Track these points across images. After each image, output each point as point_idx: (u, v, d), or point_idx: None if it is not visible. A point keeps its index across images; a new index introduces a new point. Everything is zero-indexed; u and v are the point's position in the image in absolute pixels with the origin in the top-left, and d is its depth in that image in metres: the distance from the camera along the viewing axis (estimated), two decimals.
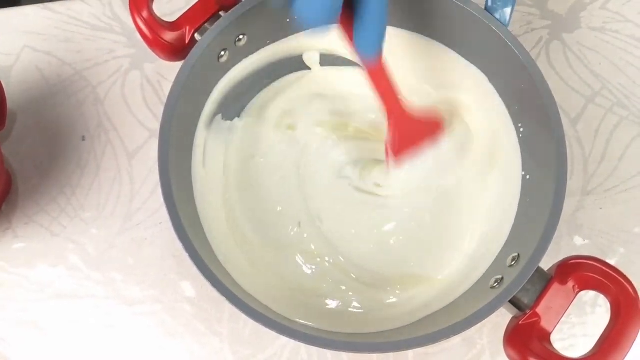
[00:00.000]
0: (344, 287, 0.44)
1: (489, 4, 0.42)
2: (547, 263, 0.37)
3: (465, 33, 0.44)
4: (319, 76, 0.50)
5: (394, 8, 0.45)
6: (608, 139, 0.51)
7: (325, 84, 0.50)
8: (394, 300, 0.44)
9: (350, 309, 0.44)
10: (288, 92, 0.50)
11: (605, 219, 0.49)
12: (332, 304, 0.44)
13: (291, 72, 0.50)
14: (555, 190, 0.37)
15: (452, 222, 0.45)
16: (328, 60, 0.49)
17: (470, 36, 0.43)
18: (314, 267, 0.45)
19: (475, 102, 0.46)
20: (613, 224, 0.48)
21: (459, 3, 0.42)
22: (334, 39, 0.47)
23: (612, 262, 0.47)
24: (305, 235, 0.46)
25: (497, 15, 0.42)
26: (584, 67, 0.53)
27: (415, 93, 0.48)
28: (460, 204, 0.46)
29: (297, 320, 0.39)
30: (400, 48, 0.47)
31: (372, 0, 0.35)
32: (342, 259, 0.45)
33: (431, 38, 0.46)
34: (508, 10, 0.41)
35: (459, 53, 0.45)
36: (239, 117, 0.49)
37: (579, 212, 0.49)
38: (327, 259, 0.45)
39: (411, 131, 0.43)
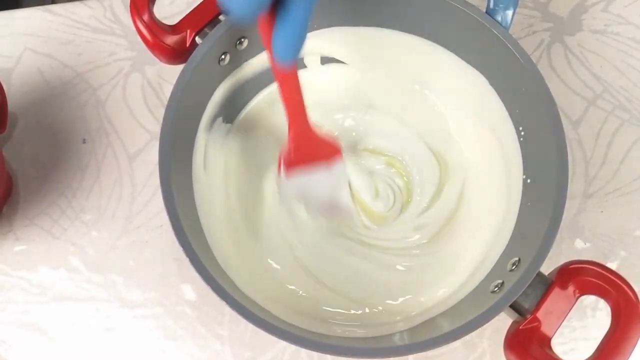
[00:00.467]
0: (339, 296, 0.44)
1: (491, 6, 0.41)
2: (548, 266, 0.37)
3: (465, 36, 0.43)
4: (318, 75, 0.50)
5: (394, 10, 0.45)
6: (609, 142, 0.51)
7: (325, 84, 0.50)
8: (393, 305, 0.44)
9: (350, 313, 0.44)
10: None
11: (606, 222, 0.49)
12: (330, 308, 0.44)
13: None
14: (556, 194, 0.37)
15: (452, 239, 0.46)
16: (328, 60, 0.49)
17: (470, 39, 0.43)
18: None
19: (475, 106, 0.46)
20: (614, 227, 0.48)
21: (459, 6, 0.42)
22: (334, 43, 0.47)
23: (613, 265, 0.47)
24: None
25: (499, 18, 0.41)
26: (585, 69, 0.53)
27: (417, 99, 0.48)
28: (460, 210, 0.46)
29: (297, 324, 0.39)
30: (400, 50, 0.47)
31: (296, 7, 0.33)
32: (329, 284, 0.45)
33: (431, 41, 0.46)
34: (509, 13, 0.41)
35: (460, 56, 0.45)
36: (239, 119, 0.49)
37: (580, 215, 0.49)
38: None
39: (308, 147, 0.42)
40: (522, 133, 0.43)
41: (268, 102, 0.49)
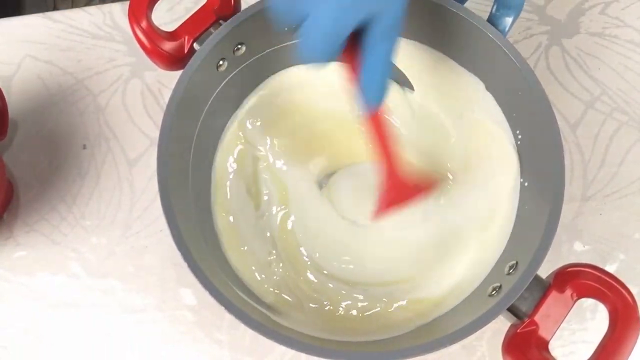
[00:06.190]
0: (343, 292, 0.44)
1: (493, 12, 0.42)
2: (547, 269, 0.37)
3: (462, 41, 0.44)
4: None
5: None
6: (608, 144, 0.51)
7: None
8: (393, 307, 0.44)
9: (349, 314, 0.44)
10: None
11: (605, 224, 0.49)
12: (331, 309, 0.44)
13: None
14: (553, 198, 0.37)
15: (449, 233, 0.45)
16: None
17: (467, 44, 0.43)
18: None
19: (472, 110, 0.46)
20: (613, 230, 0.48)
21: (457, 11, 0.42)
22: None
23: (612, 268, 0.47)
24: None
25: (499, 24, 0.42)
26: (583, 72, 0.53)
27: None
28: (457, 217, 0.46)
29: (295, 328, 0.39)
30: (398, 56, 0.47)
31: (379, 48, 0.34)
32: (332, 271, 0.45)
33: (428, 45, 0.46)
34: (510, 20, 0.41)
35: (456, 60, 0.45)
36: None
37: (578, 218, 0.49)
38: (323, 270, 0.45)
39: (401, 186, 0.41)
40: (520, 136, 0.43)
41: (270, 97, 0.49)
